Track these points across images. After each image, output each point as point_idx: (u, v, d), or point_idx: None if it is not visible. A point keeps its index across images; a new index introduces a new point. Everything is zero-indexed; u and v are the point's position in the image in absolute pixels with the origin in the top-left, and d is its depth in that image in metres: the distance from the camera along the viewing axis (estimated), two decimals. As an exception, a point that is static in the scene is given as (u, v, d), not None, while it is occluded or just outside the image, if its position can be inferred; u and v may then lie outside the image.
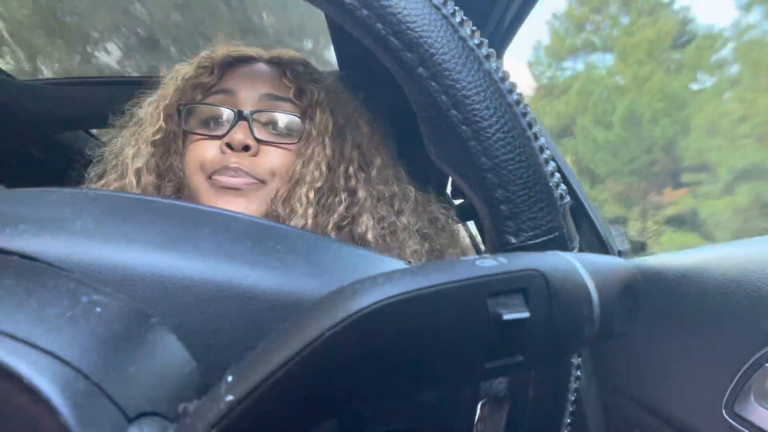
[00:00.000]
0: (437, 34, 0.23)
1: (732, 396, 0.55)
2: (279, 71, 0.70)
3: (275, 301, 0.23)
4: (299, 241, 0.26)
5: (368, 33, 0.23)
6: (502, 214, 0.24)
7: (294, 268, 0.24)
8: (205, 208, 0.27)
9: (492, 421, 0.26)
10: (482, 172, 0.23)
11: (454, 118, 0.23)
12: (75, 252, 0.21)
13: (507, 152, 0.23)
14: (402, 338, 0.16)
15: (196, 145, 0.67)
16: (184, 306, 0.22)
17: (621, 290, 0.21)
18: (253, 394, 0.15)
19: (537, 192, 0.24)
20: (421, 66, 0.23)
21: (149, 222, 0.24)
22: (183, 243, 0.23)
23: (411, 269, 0.17)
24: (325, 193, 0.65)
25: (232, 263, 0.23)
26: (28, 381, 0.15)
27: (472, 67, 0.23)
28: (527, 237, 0.24)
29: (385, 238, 0.65)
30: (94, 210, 0.24)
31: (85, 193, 0.26)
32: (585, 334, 0.19)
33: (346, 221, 0.65)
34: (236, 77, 0.69)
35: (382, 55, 0.24)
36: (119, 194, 0.27)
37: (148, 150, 0.68)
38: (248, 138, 0.64)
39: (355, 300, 0.15)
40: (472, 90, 0.23)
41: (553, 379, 0.25)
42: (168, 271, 0.22)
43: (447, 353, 0.17)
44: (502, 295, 0.17)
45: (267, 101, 0.67)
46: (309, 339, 0.15)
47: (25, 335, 0.16)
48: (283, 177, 0.65)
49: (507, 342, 0.17)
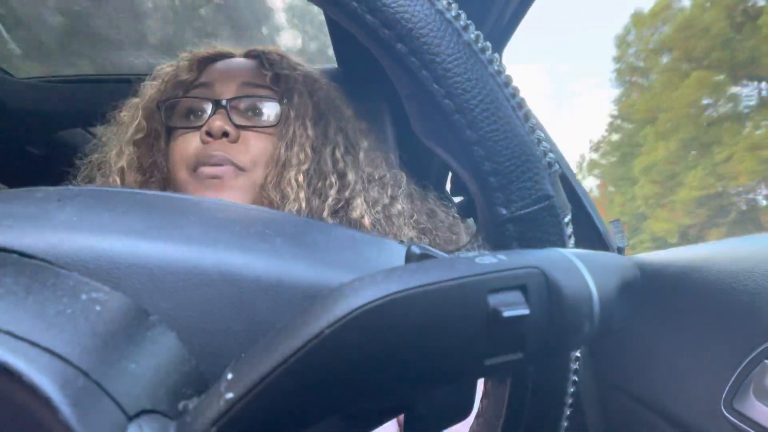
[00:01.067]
0: (413, 8, 0.23)
1: (731, 392, 0.55)
2: (256, 62, 0.72)
3: (265, 284, 0.23)
4: (289, 224, 0.26)
5: (344, 13, 0.23)
6: (492, 186, 0.24)
7: (283, 250, 0.24)
8: (190, 197, 0.27)
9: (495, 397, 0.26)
10: (469, 146, 0.23)
11: (436, 93, 0.23)
12: (58, 244, 0.21)
13: (491, 123, 0.23)
14: (401, 336, 0.16)
15: (178, 140, 0.68)
16: (171, 292, 0.21)
17: (621, 287, 0.21)
18: (253, 392, 0.15)
19: (524, 161, 0.24)
20: (399, 42, 0.23)
21: (133, 211, 0.24)
22: (168, 230, 0.23)
23: (410, 266, 0.17)
24: (313, 175, 0.66)
25: (219, 247, 0.23)
26: (28, 378, 0.15)
27: (451, 40, 0.23)
28: (517, 207, 0.24)
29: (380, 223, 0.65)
30: (78, 204, 0.24)
31: (69, 189, 0.26)
32: (585, 330, 0.19)
33: (340, 205, 0.65)
34: (213, 71, 0.71)
35: (361, 35, 0.24)
36: (103, 188, 0.27)
37: (129, 149, 0.69)
38: (227, 124, 0.64)
39: (354, 297, 0.15)
40: (452, 63, 0.23)
41: (552, 368, 0.25)
42: (154, 258, 0.22)
43: (446, 350, 0.17)
44: (501, 292, 0.17)
45: (244, 89, 0.68)
46: (308, 336, 0.15)
47: (24, 333, 0.16)
48: (267, 163, 0.66)
49: (507, 339, 0.17)
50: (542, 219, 0.24)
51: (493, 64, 0.24)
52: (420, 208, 0.72)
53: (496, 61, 0.24)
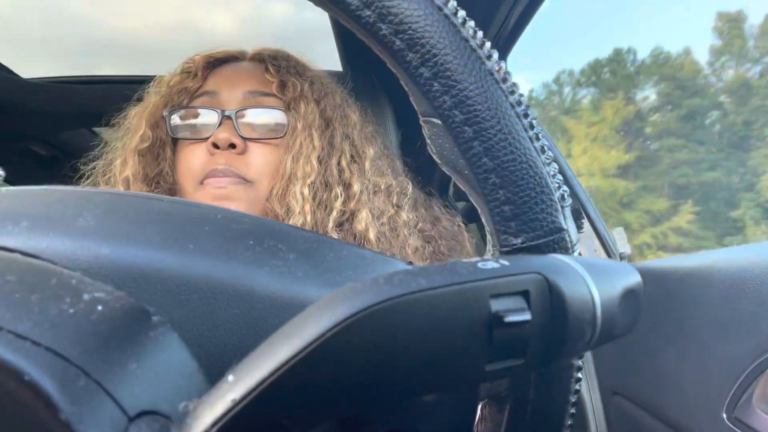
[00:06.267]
0: (439, 34, 0.23)
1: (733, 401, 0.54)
2: (261, 67, 0.70)
3: (276, 301, 0.23)
4: (301, 241, 0.26)
5: (370, 33, 0.23)
6: (504, 215, 0.24)
7: (296, 267, 0.24)
8: (206, 206, 0.27)
9: (493, 421, 0.26)
10: (484, 173, 0.23)
11: (456, 119, 0.23)
12: (76, 250, 0.21)
13: (508, 153, 0.23)
14: (403, 339, 0.16)
15: (185, 151, 0.67)
16: (185, 304, 0.22)
17: (623, 294, 0.21)
18: (254, 394, 0.15)
19: (539, 193, 0.24)
20: (422, 66, 0.23)
21: (150, 220, 0.24)
22: (184, 241, 0.23)
23: (412, 270, 0.17)
24: (319, 187, 0.65)
25: (232, 262, 0.23)
26: (30, 377, 0.15)
27: (474, 67, 0.23)
28: (529, 238, 0.24)
29: (385, 235, 0.65)
30: (95, 208, 0.24)
31: (86, 192, 0.26)
32: (586, 337, 0.19)
33: (345, 217, 0.65)
34: (219, 78, 0.70)
35: (385, 55, 0.24)
36: (121, 192, 0.27)
37: (134, 159, 0.68)
38: (233, 136, 0.64)
39: (356, 301, 0.15)
40: (474, 91, 0.23)
41: (553, 380, 0.25)
42: (168, 270, 0.22)
43: (448, 355, 0.17)
44: (503, 297, 0.17)
45: (251, 98, 0.67)
46: (310, 339, 0.15)
47: (26, 332, 0.16)
48: (273, 175, 0.65)
49: (508, 344, 0.17)
50: (553, 251, 0.24)
51: (514, 94, 0.24)
52: (425, 216, 0.71)
53: (516, 92, 0.24)
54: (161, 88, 0.71)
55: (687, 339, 0.65)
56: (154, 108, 0.70)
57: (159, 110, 0.70)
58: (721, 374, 0.57)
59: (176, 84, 0.70)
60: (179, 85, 0.69)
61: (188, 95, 0.70)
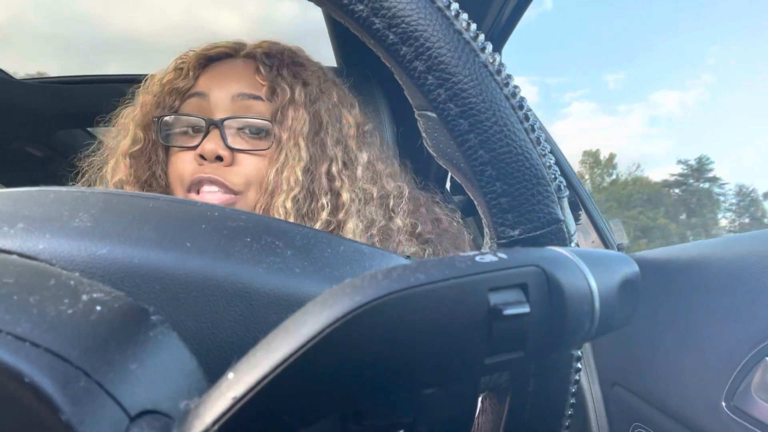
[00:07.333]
0: (432, 27, 0.23)
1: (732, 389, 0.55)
2: (253, 67, 0.68)
3: (275, 298, 0.23)
4: (298, 237, 0.26)
5: (364, 28, 0.23)
6: (501, 207, 0.24)
7: (293, 263, 0.24)
8: (202, 204, 0.27)
9: (493, 413, 0.26)
10: (480, 166, 0.23)
11: (451, 112, 0.23)
12: (73, 250, 0.21)
13: (504, 145, 0.23)
14: (402, 334, 0.16)
15: (176, 156, 0.67)
16: (184, 303, 0.22)
17: (621, 284, 0.21)
18: (254, 391, 0.15)
19: (535, 185, 0.24)
20: (416, 60, 0.23)
21: (146, 219, 0.24)
22: (181, 239, 0.23)
23: (411, 265, 0.17)
24: (303, 199, 0.63)
25: (230, 259, 0.23)
26: (30, 379, 0.15)
27: (468, 60, 0.23)
28: (526, 229, 0.24)
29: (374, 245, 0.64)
30: (91, 208, 0.24)
31: (82, 192, 0.26)
32: (585, 328, 0.19)
33: (331, 227, 0.63)
34: (209, 78, 0.68)
35: (379, 50, 0.24)
36: (117, 192, 0.27)
37: (126, 162, 0.68)
38: (220, 147, 0.63)
39: (355, 296, 0.15)
40: (468, 83, 0.23)
41: (553, 371, 0.25)
42: (166, 268, 0.22)
43: (447, 349, 0.17)
44: (502, 290, 0.17)
45: (239, 101, 0.66)
46: (309, 335, 0.15)
47: (25, 334, 0.16)
48: (258, 187, 0.64)
49: (507, 337, 0.17)
50: (551, 242, 0.24)
51: (508, 86, 0.24)
52: (425, 217, 0.70)
53: (510, 83, 0.24)
54: (154, 87, 0.70)
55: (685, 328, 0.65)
56: (146, 109, 0.69)
57: (150, 111, 0.69)
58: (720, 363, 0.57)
59: (168, 83, 0.69)
60: (170, 85, 0.68)
61: (179, 96, 0.69)
